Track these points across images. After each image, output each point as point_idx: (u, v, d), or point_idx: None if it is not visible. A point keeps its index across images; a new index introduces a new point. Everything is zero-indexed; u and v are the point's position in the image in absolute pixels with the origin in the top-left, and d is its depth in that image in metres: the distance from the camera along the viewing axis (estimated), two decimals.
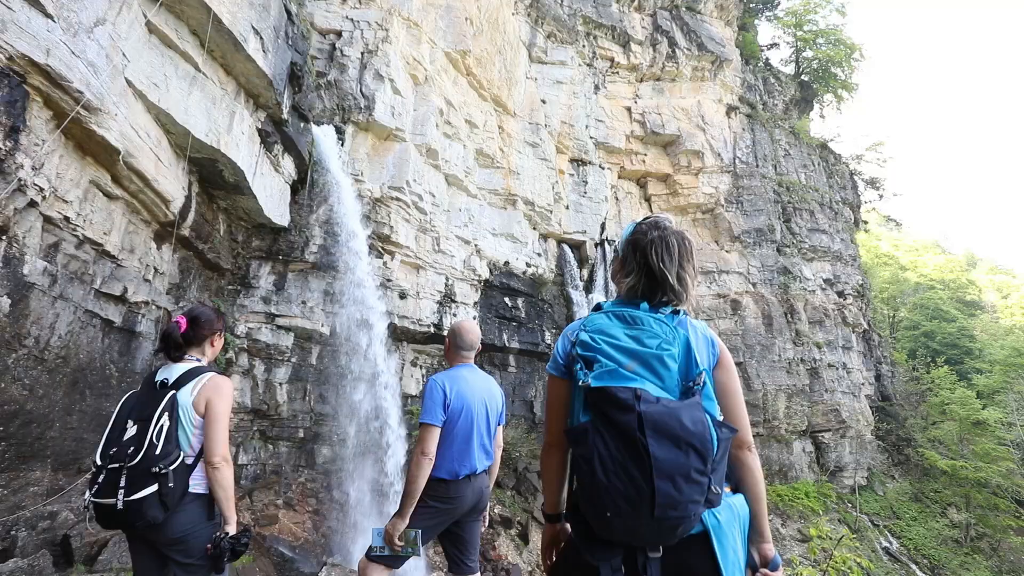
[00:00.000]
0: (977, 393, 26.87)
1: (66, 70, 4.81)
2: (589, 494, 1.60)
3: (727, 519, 1.67)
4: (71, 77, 4.86)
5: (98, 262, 6.32)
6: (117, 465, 2.58)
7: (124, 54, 5.71)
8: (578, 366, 1.70)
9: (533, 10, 17.43)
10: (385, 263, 12.22)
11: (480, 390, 3.48)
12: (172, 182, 7.07)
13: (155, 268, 7.43)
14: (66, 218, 5.60)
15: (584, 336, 1.75)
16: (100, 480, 2.61)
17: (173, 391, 2.76)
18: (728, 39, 22.30)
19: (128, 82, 5.86)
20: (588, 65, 19.41)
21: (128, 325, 7.06)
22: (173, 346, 2.93)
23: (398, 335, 12.62)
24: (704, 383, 1.67)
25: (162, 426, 2.63)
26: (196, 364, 2.93)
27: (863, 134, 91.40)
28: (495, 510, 12.46)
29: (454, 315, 13.87)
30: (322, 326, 10.99)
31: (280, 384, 10.76)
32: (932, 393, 27.20)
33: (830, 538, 14.00)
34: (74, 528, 5.68)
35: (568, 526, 1.96)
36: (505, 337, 15.42)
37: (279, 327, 10.58)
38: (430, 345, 13.76)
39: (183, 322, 2.95)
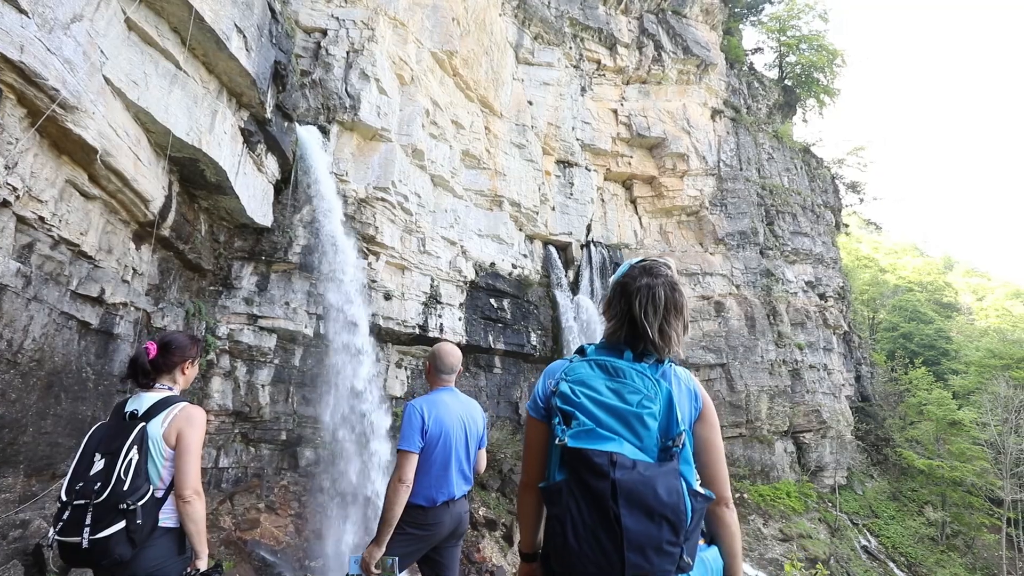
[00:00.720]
0: (953, 394, 27.45)
1: (41, 67, 4.70)
2: (560, 555, 1.60)
3: (699, 575, 1.68)
4: (46, 74, 4.75)
5: (74, 263, 6.19)
6: (83, 502, 2.48)
7: (102, 51, 5.59)
8: (556, 420, 1.68)
9: (520, 11, 17.43)
10: (370, 264, 12.14)
11: (460, 415, 3.45)
12: (152, 181, 6.95)
13: (134, 269, 7.30)
14: (41, 218, 5.47)
15: (564, 387, 1.71)
16: (65, 517, 2.51)
17: (143, 423, 2.66)
18: (713, 43, 22.51)
19: (106, 80, 5.74)
20: (575, 67, 19.47)
21: (105, 327, 6.92)
22: (141, 373, 2.82)
23: (383, 336, 12.54)
24: (683, 444, 1.65)
25: (131, 460, 2.54)
26: (167, 393, 2.82)
27: (845, 139, 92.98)
28: (480, 512, 12.43)
29: (439, 316, 13.82)
30: (305, 327, 10.87)
31: (262, 386, 10.63)
32: (910, 394, 27.74)
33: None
34: (47, 537, 5.53)
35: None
36: (491, 338, 15.39)
37: (261, 328, 10.45)
38: (415, 346, 13.69)
39: (152, 348, 2.85)
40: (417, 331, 13.15)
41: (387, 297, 12.59)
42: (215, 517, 9.24)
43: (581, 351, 1.86)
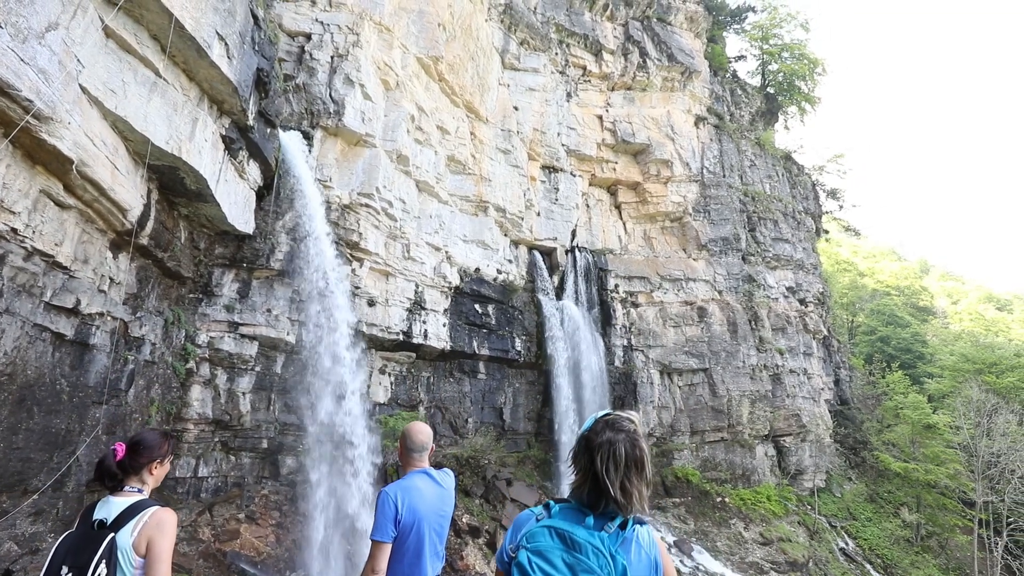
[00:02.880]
0: (928, 397, 27.99)
1: (14, 78, 4.60)
2: None
3: None
4: (19, 85, 4.65)
5: (49, 274, 6.06)
6: None
7: (79, 60, 5.48)
8: None
9: (506, 17, 17.45)
10: (354, 270, 12.05)
11: (433, 499, 3.45)
12: (130, 190, 6.83)
13: (111, 278, 7.16)
14: (13, 229, 5.35)
15: (523, 557, 1.76)
16: None
17: (112, 533, 2.56)
18: (697, 51, 22.74)
19: (83, 89, 5.63)
20: (560, 73, 19.53)
21: (81, 338, 6.78)
22: (108, 475, 2.71)
23: (367, 342, 12.45)
24: None
25: (99, 575, 2.45)
26: (137, 498, 2.72)
27: (825, 146, 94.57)
28: (463, 519, 12.40)
29: (424, 322, 13.77)
30: (287, 334, 10.76)
31: (243, 394, 10.50)
32: (887, 397, 28.22)
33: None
34: (17, 562, 5.40)
35: None
36: (475, 344, 15.38)
37: (243, 336, 10.32)
38: (399, 352, 13.63)
39: (120, 450, 2.75)
40: (401, 337, 13.09)
41: (371, 303, 12.51)
42: (194, 528, 9.10)
43: (547, 508, 1.89)
